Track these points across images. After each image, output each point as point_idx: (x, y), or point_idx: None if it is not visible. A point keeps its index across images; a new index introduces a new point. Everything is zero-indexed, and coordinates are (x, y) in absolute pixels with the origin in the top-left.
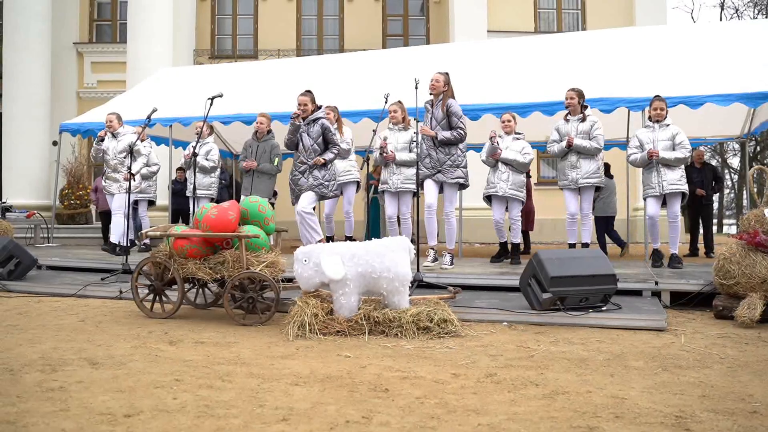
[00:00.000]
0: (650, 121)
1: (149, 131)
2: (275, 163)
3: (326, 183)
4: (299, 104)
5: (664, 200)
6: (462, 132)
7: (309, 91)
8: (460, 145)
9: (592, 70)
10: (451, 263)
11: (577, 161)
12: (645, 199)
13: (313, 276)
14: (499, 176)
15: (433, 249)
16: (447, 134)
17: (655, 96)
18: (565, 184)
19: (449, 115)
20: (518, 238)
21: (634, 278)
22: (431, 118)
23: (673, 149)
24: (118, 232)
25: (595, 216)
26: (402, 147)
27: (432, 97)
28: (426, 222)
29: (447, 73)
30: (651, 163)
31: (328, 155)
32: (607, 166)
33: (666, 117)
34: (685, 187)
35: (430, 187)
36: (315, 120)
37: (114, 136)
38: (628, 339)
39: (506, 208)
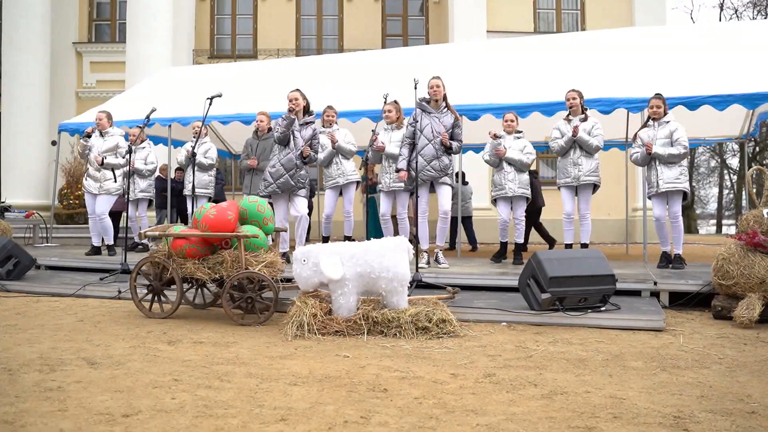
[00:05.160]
0: (649, 120)
1: (148, 131)
2: None
3: (303, 182)
4: (291, 99)
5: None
6: (461, 143)
7: (297, 89)
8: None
9: (591, 71)
10: (443, 260)
11: (578, 159)
12: (650, 198)
13: (311, 276)
14: (505, 177)
15: (426, 252)
16: (456, 145)
17: (655, 94)
18: (566, 181)
19: (456, 126)
20: (521, 238)
21: (633, 278)
22: (439, 122)
23: (672, 146)
24: (109, 234)
25: (452, 216)
26: (394, 146)
27: (429, 98)
28: (420, 226)
29: (440, 77)
30: (650, 160)
31: (316, 155)
32: (464, 174)
33: (666, 114)
34: (684, 185)
35: (426, 193)
36: (308, 123)
37: (102, 134)
38: (627, 339)
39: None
